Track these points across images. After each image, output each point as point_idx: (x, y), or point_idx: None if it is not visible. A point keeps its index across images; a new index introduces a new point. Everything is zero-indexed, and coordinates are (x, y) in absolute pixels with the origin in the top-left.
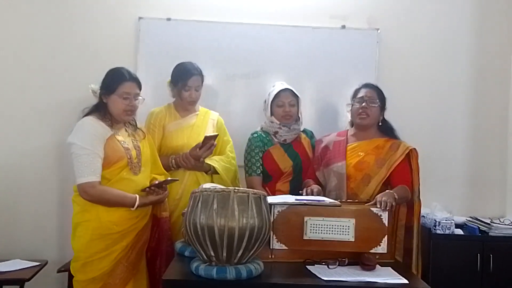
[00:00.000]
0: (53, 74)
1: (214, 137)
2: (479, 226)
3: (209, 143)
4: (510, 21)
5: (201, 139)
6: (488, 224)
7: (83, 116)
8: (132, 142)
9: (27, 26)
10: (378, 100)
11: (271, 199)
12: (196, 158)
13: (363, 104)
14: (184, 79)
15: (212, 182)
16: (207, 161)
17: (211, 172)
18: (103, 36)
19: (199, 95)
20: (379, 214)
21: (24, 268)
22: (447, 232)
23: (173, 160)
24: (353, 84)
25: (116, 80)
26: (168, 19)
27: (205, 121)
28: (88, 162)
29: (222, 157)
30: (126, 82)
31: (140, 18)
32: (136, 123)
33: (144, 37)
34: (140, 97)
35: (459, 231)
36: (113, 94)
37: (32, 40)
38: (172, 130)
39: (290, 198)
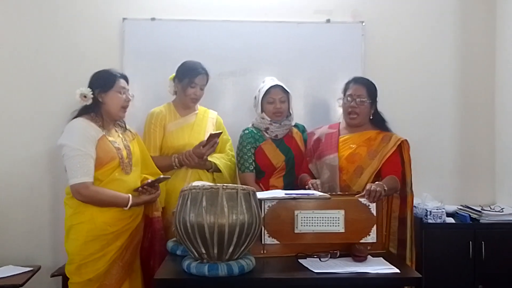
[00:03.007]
0: (39, 79)
1: (218, 134)
2: (470, 214)
3: (212, 141)
4: (492, 11)
5: (202, 138)
6: (479, 211)
7: (73, 118)
8: (122, 142)
9: (10, 31)
10: (367, 97)
11: (260, 194)
12: (200, 156)
13: (352, 103)
14: (192, 76)
15: (214, 179)
16: (210, 159)
17: (213, 170)
18: (88, 39)
19: (202, 94)
20: (367, 205)
21: (17, 274)
22: (438, 221)
23: (176, 159)
24: (340, 78)
25: (112, 77)
26: (153, 19)
27: (204, 120)
28: (81, 163)
29: (223, 155)
30: (120, 78)
31: (124, 19)
32: (125, 124)
33: (129, 38)
34: (130, 93)
35: (451, 220)
36: (111, 90)
37: (16, 45)
38: (173, 130)
39: (280, 193)
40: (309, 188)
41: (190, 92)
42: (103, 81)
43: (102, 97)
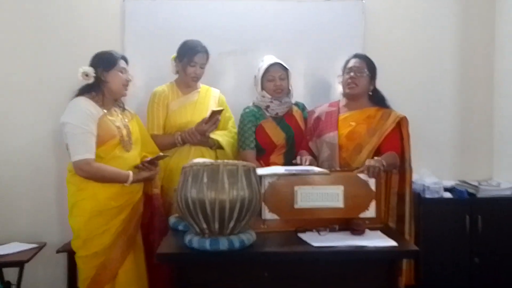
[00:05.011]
0: (41, 59)
1: (220, 111)
2: (467, 189)
3: (214, 118)
4: None
5: (204, 115)
6: (476, 186)
7: (74, 97)
8: (122, 121)
9: (11, 11)
10: (367, 70)
11: (261, 170)
12: (202, 133)
13: (352, 74)
14: (191, 55)
15: (217, 156)
16: (212, 136)
17: (216, 147)
18: (88, 19)
19: (203, 72)
20: (366, 180)
21: (23, 251)
22: (436, 196)
23: (179, 137)
24: (340, 56)
25: (113, 57)
26: None
27: (207, 98)
28: (83, 141)
29: (226, 132)
30: (121, 59)
31: None
32: (123, 105)
33: (130, 18)
34: (129, 74)
35: (448, 195)
36: (113, 69)
37: (17, 26)
38: (176, 108)
39: (280, 169)
40: (295, 163)
41: (190, 71)
42: (106, 61)
43: (104, 75)
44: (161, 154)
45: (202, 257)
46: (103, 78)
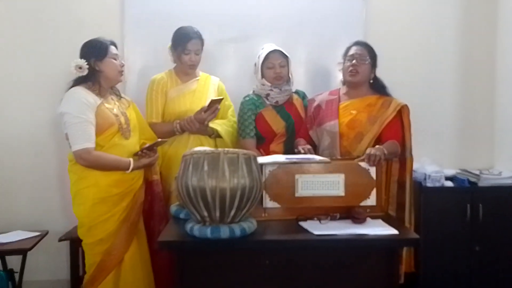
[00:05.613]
0: (41, 47)
1: (219, 100)
2: (469, 177)
3: (214, 107)
4: None
5: (204, 104)
6: (477, 175)
7: (70, 87)
8: (119, 109)
9: (9, 0)
10: (368, 58)
11: (261, 159)
12: (201, 122)
13: (353, 61)
14: (184, 42)
15: (216, 145)
16: (211, 125)
17: (215, 135)
18: (88, 6)
19: (199, 59)
20: (367, 168)
21: (25, 239)
22: (437, 185)
23: (178, 125)
24: (341, 44)
25: (104, 45)
26: None
27: (206, 86)
28: (82, 130)
29: (225, 121)
30: (111, 45)
31: None
32: (119, 92)
33: (129, 5)
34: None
35: (449, 184)
36: (106, 58)
37: (17, 13)
38: (174, 96)
39: (281, 158)
40: (298, 152)
41: (185, 59)
42: (97, 50)
43: (98, 65)
44: (159, 140)
45: (203, 245)
46: (97, 68)
